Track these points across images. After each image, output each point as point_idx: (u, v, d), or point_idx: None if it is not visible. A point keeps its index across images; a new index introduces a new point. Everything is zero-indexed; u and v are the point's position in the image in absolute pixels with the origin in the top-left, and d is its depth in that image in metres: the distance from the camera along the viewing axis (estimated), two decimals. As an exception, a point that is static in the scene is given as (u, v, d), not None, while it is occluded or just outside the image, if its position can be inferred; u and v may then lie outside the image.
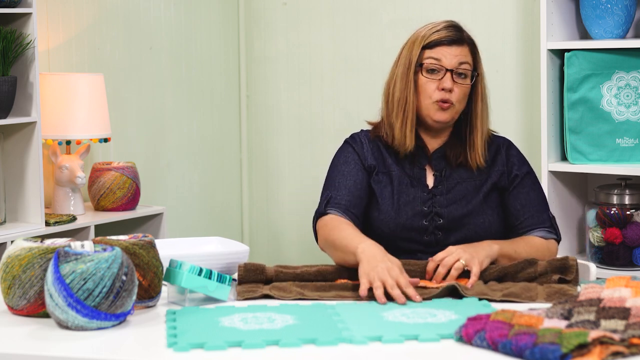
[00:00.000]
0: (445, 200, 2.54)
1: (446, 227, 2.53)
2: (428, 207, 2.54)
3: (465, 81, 2.54)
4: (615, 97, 3.48)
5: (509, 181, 2.59)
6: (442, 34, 2.55)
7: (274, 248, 4.51)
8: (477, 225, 2.53)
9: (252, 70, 4.50)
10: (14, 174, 3.39)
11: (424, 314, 2.06)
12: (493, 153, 2.61)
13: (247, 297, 2.23)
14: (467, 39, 2.57)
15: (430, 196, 2.55)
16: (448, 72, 2.52)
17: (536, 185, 2.62)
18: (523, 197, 2.58)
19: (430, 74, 2.54)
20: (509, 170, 2.60)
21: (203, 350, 1.84)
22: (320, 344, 1.87)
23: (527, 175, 2.61)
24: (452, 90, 2.52)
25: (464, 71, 2.53)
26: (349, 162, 2.60)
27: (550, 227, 2.57)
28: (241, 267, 2.32)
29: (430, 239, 2.53)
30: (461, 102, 2.55)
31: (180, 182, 4.26)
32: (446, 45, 2.54)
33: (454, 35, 2.55)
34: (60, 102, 3.51)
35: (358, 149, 2.62)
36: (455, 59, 2.53)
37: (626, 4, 3.47)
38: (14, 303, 2.09)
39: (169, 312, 2.10)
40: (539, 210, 2.58)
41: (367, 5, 4.23)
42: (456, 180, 2.57)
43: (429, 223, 2.53)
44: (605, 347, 1.72)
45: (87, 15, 3.83)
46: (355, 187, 2.56)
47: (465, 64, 2.54)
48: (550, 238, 2.56)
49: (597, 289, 2.01)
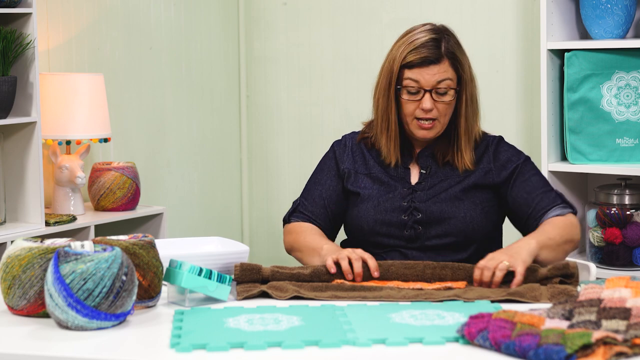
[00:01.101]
0: (425, 195, 2.56)
1: (425, 222, 2.54)
2: (407, 202, 2.56)
3: (446, 97, 2.53)
4: (615, 97, 3.48)
5: (509, 175, 2.59)
6: (417, 54, 2.52)
7: (274, 248, 4.51)
8: (458, 220, 2.54)
9: (252, 70, 4.50)
10: (14, 174, 3.38)
11: (431, 316, 2.05)
12: (480, 152, 2.62)
13: (246, 297, 2.23)
14: (446, 53, 2.53)
15: (411, 191, 2.57)
16: (427, 93, 2.52)
17: (535, 170, 2.62)
18: (527, 184, 2.58)
19: (410, 95, 2.54)
20: (502, 165, 2.60)
21: (205, 351, 1.84)
22: (323, 346, 1.86)
23: (524, 163, 2.61)
24: (433, 109, 2.53)
25: (443, 89, 2.52)
26: (323, 170, 2.70)
27: (562, 202, 2.57)
28: (237, 267, 2.32)
29: (410, 233, 2.55)
30: (445, 115, 2.56)
31: (180, 182, 4.26)
32: (423, 66, 2.52)
33: (430, 54, 2.51)
34: (60, 102, 3.51)
35: (339, 153, 2.68)
36: (433, 78, 2.51)
37: (626, 4, 3.47)
38: (14, 303, 2.09)
39: (177, 312, 2.10)
40: (545, 191, 2.58)
41: (367, 5, 4.23)
42: (440, 177, 2.59)
43: (408, 217, 2.55)
44: (608, 347, 1.72)
45: (87, 15, 3.83)
46: (321, 197, 2.66)
47: (444, 81, 2.52)
48: (567, 213, 2.55)
49: (597, 289, 2.01)
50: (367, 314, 2.09)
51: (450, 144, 2.60)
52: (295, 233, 2.63)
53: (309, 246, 2.54)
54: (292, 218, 2.68)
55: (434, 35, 2.54)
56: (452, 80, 2.53)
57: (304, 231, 2.61)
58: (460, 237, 2.54)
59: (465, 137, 2.58)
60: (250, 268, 2.32)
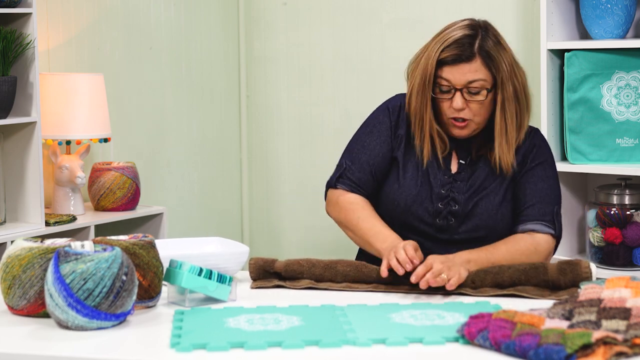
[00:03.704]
0: (465, 186, 2.53)
1: (459, 214, 2.51)
2: (446, 191, 2.52)
3: (479, 97, 2.47)
4: (615, 97, 3.48)
5: (521, 169, 2.55)
6: (449, 51, 2.45)
7: (274, 248, 4.51)
8: (490, 216, 2.51)
9: (252, 70, 4.50)
10: (14, 174, 3.38)
11: (432, 316, 2.05)
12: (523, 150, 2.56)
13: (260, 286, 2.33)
14: (479, 51, 2.46)
15: (451, 180, 2.53)
16: (457, 92, 2.46)
17: (548, 176, 2.56)
18: (530, 186, 2.54)
19: (443, 94, 2.48)
20: (525, 159, 2.56)
21: (205, 351, 1.84)
22: (323, 345, 1.86)
23: (540, 165, 2.56)
24: (465, 108, 2.47)
25: (476, 89, 2.46)
26: (373, 133, 2.60)
27: (549, 221, 2.52)
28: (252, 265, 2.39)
29: (442, 223, 2.52)
30: (480, 114, 2.49)
31: (180, 182, 4.26)
32: (454, 64, 2.46)
33: (462, 51, 2.45)
34: (60, 102, 3.51)
35: (394, 117, 2.59)
36: (463, 77, 2.46)
37: (626, 4, 3.47)
38: (14, 303, 2.09)
39: (177, 312, 2.10)
40: (544, 202, 2.53)
41: (367, 5, 4.23)
42: (479, 168, 2.54)
43: (444, 207, 2.51)
44: (609, 347, 1.72)
45: (87, 15, 3.83)
46: (368, 163, 2.58)
47: (476, 82, 2.46)
48: (545, 232, 2.51)
49: (597, 290, 2.01)
50: (367, 314, 2.09)
51: (487, 139, 2.54)
52: (345, 210, 2.56)
53: (365, 233, 2.49)
54: (338, 184, 2.59)
55: (469, 32, 2.48)
56: (486, 80, 2.47)
57: (355, 210, 2.54)
58: (488, 232, 2.51)
59: (501, 139, 2.50)
60: (263, 263, 2.38)
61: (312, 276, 2.36)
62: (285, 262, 2.39)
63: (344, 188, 2.59)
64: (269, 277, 2.39)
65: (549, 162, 2.59)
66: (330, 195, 2.62)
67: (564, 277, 2.26)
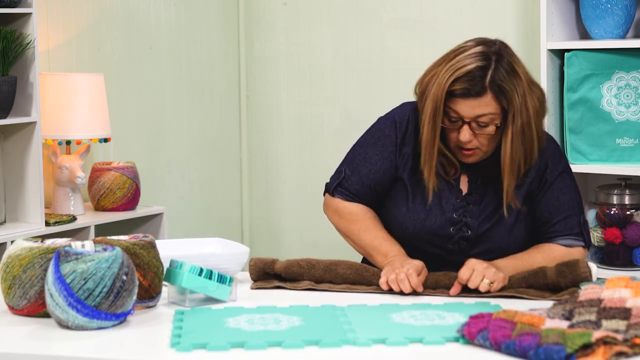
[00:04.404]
0: (478, 211, 2.45)
1: (472, 239, 2.45)
2: (458, 216, 2.45)
3: (488, 129, 2.36)
4: (615, 97, 3.48)
5: (539, 185, 2.46)
6: (459, 85, 2.33)
7: (274, 248, 4.51)
8: (502, 239, 2.45)
9: (252, 70, 4.50)
10: (14, 174, 3.38)
11: (432, 316, 2.05)
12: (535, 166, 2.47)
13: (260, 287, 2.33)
14: (490, 85, 2.33)
15: (464, 204, 2.46)
16: (465, 125, 2.36)
17: (568, 186, 2.48)
18: (553, 202, 2.46)
19: (451, 123, 2.38)
20: (541, 174, 2.47)
21: (205, 351, 1.84)
22: (323, 345, 1.86)
23: (560, 177, 2.48)
24: (472, 140, 2.38)
25: (484, 123, 2.36)
26: (377, 146, 2.52)
27: (578, 233, 2.46)
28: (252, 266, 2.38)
29: (453, 247, 2.46)
30: (487, 144, 2.39)
31: (180, 182, 4.26)
32: (464, 97, 2.33)
33: (472, 86, 2.32)
34: (60, 102, 3.51)
35: (400, 132, 2.49)
36: (472, 111, 2.34)
37: (626, 4, 3.47)
38: (14, 303, 2.09)
39: (177, 312, 2.11)
40: (569, 215, 2.46)
41: (367, 5, 4.23)
42: (491, 189, 2.46)
43: (456, 232, 2.45)
44: (609, 347, 1.72)
45: (87, 15, 3.83)
46: (369, 178, 2.50)
47: (485, 116, 2.34)
48: (575, 245, 2.46)
49: (597, 290, 2.01)
50: (367, 314, 2.09)
51: (498, 161, 2.42)
52: (347, 221, 2.51)
53: (367, 244, 2.46)
54: (336, 193, 2.54)
55: (482, 63, 2.34)
56: (496, 114, 2.35)
57: (356, 221, 2.49)
58: (500, 253, 2.43)
59: (509, 171, 2.38)
60: (262, 264, 2.38)
61: (311, 278, 2.35)
62: (285, 263, 2.38)
63: (341, 198, 2.54)
64: (269, 278, 2.39)
65: (566, 171, 2.50)
66: (328, 200, 2.57)
67: (564, 279, 2.26)
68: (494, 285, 2.24)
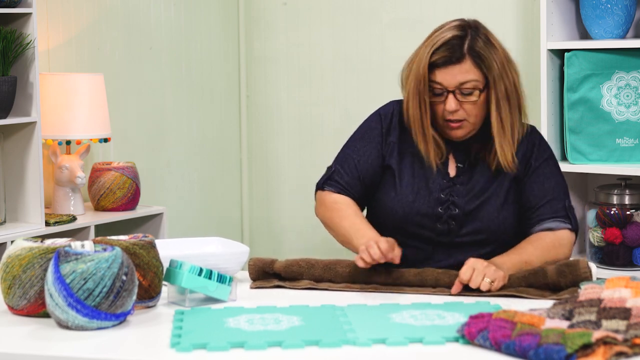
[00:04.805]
0: (465, 190, 2.51)
1: (460, 217, 2.49)
2: (445, 195, 2.50)
3: (472, 97, 2.45)
4: (615, 97, 3.48)
5: (524, 171, 2.53)
6: (439, 54, 2.43)
7: (274, 248, 4.51)
8: (491, 219, 2.50)
9: (252, 70, 4.50)
10: (14, 174, 3.38)
11: (432, 316, 2.05)
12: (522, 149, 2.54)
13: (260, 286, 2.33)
14: (468, 51, 2.44)
15: (450, 184, 2.51)
16: (450, 94, 2.44)
17: (553, 172, 2.55)
18: (538, 186, 2.52)
19: (436, 97, 2.47)
20: (526, 160, 2.53)
21: (205, 351, 1.84)
22: (323, 345, 1.86)
23: (544, 162, 2.55)
24: (458, 110, 2.45)
25: (468, 89, 2.45)
26: (364, 139, 2.60)
27: (564, 216, 2.51)
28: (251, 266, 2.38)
29: (443, 227, 2.50)
30: (474, 115, 2.47)
31: (180, 182, 4.26)
32: (444, 67, 2.44)
33: (451, 54, 2.43)
34: (60, 102, 3.51)
35: (386, 123, 2.58)
36: (454, 79, 2.44)
37: (626, 4, 3.47)
38: (14, 303, 2.09)
39: (177, 312, 2.11)
40: (554, 199, 2.51)
41: (367, 5, 4.23)
42: (478, 172, 2.52)
43: (444, 211, 2.49)
44: (609, 347, 1.72)
45: (87, 15, 3.83)
46: (357, 169, 2.57)
47: (468, 83, 2.44)
48: (562, 228, 2.50)
49: (597, 290, 2.01)
50: (367, 314, 2.10)
51: (485, 141, 2.52)
52: (330, 210, 2.56)
53: (346, 230, 2.50)
54: (325, 186, 2.60)
55: (458, 33, 2.46)
56: (478, 81, 2.45)
57: (339, 209, 2.54)
58: (490, 235, 2.49)
59: (500, 137, 2.48)
60: (262, 264, 2.38)
61: (311, 277, 2.36)
62: (284, 262, 2.39)
63: (331, 190, 2.59)
64: (269, 277, 2.39)
65: (551, 158, 2.57)
66: (318, 196, 2.63)
67: (564, 279, 2.26)
68: (494, 284, 2.26)
